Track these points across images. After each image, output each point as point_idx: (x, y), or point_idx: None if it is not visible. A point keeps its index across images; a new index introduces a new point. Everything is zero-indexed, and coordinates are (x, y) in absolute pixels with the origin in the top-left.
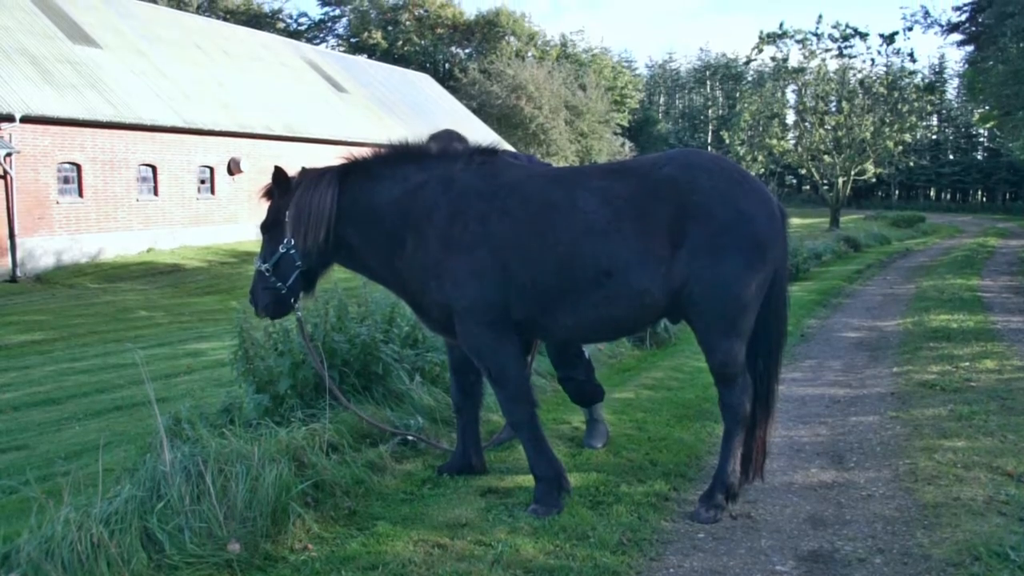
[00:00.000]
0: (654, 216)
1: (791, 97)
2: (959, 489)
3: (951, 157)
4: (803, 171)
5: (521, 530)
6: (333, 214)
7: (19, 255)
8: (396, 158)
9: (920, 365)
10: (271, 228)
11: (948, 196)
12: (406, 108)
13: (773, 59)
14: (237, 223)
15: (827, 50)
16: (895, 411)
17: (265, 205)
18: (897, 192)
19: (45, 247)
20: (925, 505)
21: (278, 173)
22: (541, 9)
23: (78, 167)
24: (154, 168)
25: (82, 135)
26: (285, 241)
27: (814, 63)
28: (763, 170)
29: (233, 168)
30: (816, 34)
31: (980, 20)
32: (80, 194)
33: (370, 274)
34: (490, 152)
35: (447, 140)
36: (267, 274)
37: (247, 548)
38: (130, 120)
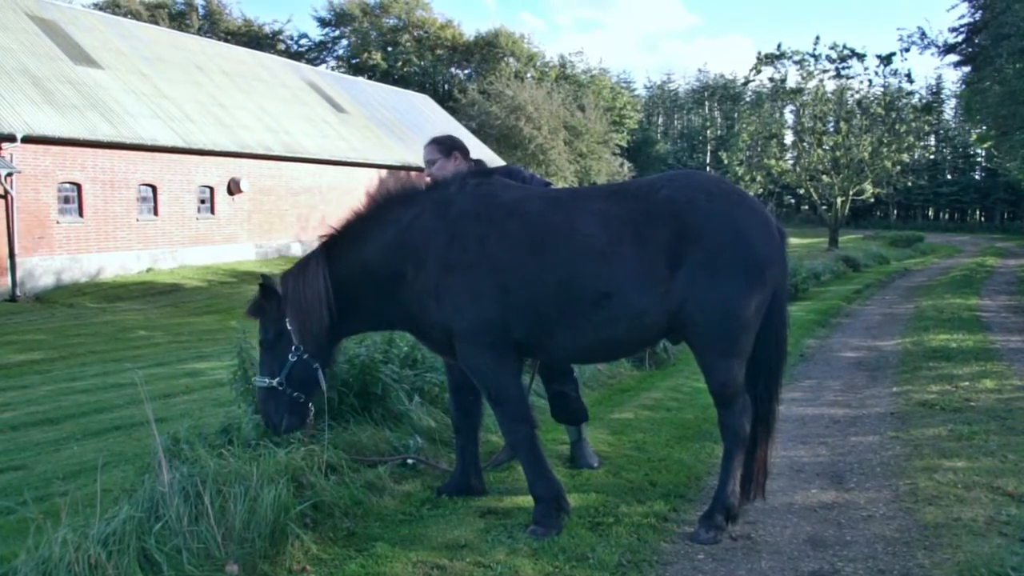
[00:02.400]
0: (653, 238)
1: (789, 117)
2: (960, 509)
3: (949, 177)
4: (802, 191)
5: (520, 551)
6: (330, 294)
7: (19, 274)
8: (381, 207)
9: (920, 385)
10: (274, 342)
11: (946, 216)
12: (406, 129)
13: (771, 80)
14: (237, 243)
15: (825, 71)
16: (895, 431)
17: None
18: (895, 212)
19: (45, 267)
20: (926, 526)
21: (264, 286)
22: (536, 30)
23: (78, 187)
24: (154, 188)
25: (83, 155)
26: (294, 349)
27: (812, 84)
28: (762, 190)
29: (233, 188)
30: (814, 55)
31: (976, 41)
32: (80, 214)
33: (381, 323)
34: (484, 174)
35: (448, 147)
36: (281, 388)
37: (245, 569)
38: (130, 140)
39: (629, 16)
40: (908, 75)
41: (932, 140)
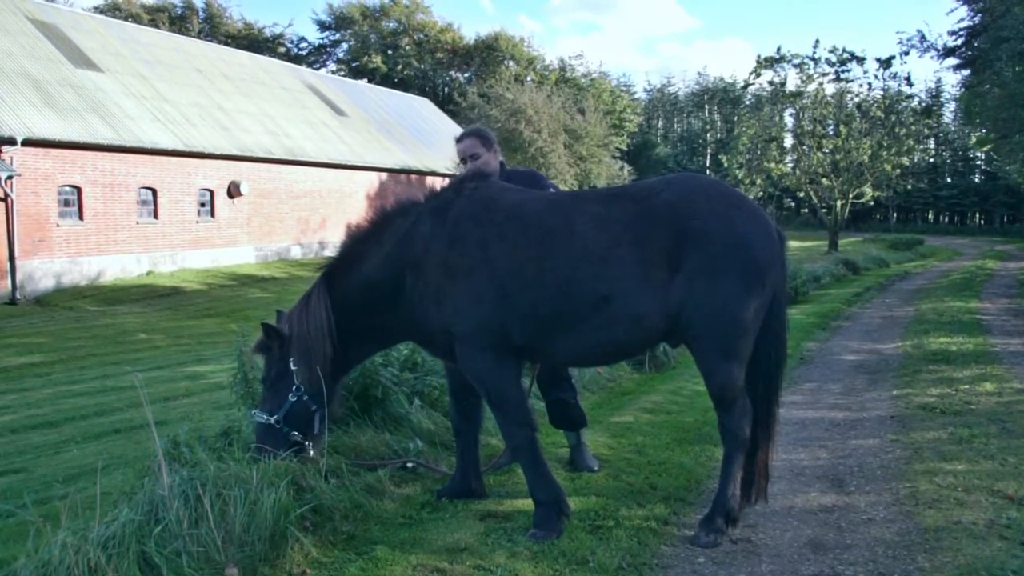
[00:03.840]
0: (652, 241)
1: (789, 121)
2: (960, 513)
3: (949, 180)
4: (801, 194)
5: (520, 555)
6: (332, 324)
7: (19, 277)
8: (377, 225)
9: (920, 388)
10: (276, 380)
11: (946, 219)
12: (405, 132)
13: (771, 83)
14: (237, 246)
15: (824, 74)
16: (895, 434)
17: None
18: (895, 215)
19: (45, 270)
20: (926, 529)
21: (267, 329)
22: (534, 33)
23: (78, 190)
24: (154, 191)
25: (83, 158)
26: (294, 389)
27: (812, 87)
28: (761, 193)
29: (233, 191)
30: (813, 58)
31: (976, 44)
32: (80, 217)
33: (388, 340)
34: (481, 177)
35: (489, 140)
36: (279, 426)
37: (245, 572)
38: (131, 143)
39: (626, 19)
40: (908, 78)
41: (932, 143)
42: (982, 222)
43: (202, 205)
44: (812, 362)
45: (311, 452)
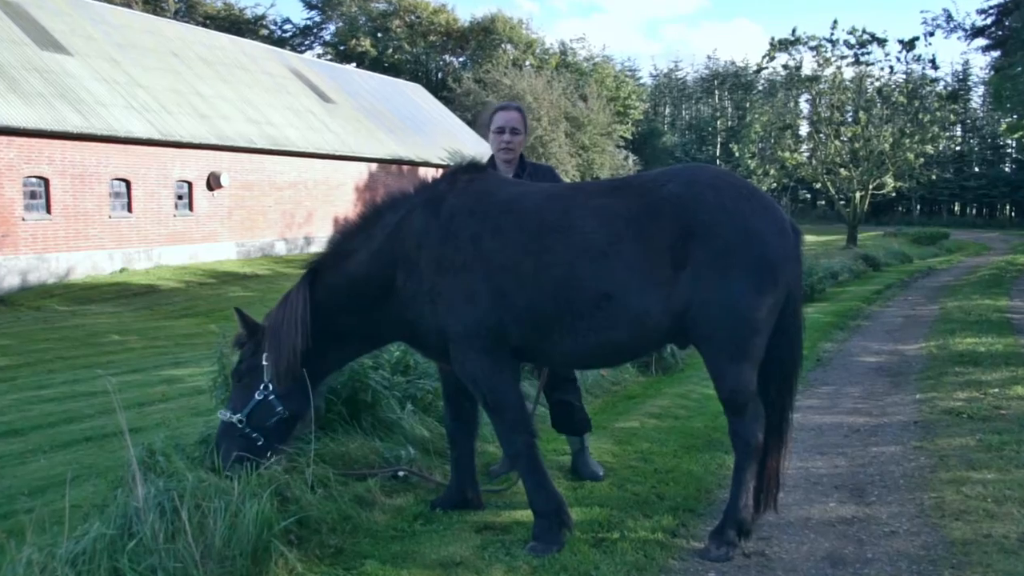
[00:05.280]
0: (657, 235)
1: (805, 107)
2: (990, 525)
3: (976, 170)
4: (818, 185)
5: (519, 569)
6: (307, 318)
7: None
8: (366, 219)
9: (945, 391)
10: (245, 374)
11: (973, 211)
12: (396, 120)
13: (785, 67)
14: (217, 241)
15: (843, 57)
16: (919, 441)
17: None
18: (919, 207)
19: (9, 267)
20: (953, 542)
21: (242, 316)
22: (532, 14)
23: (46, 181)
24: (128, 183)
25: (51, 147)
26: (262, 387)
27: (829, 71)
28: (775, 184)
29: (213, 183)
30: (831, 40)
31: (1007, 23)
32: (48, 210)
33: (374, 343)
34: (477, 168)
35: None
36: (240, 425)
37: None
38: (102, 132)
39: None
40: (932, 61)
41: (958, 130)
42: (1013, 214)
43: (179, 198)
44: (829, 364)
45: (270, 460)
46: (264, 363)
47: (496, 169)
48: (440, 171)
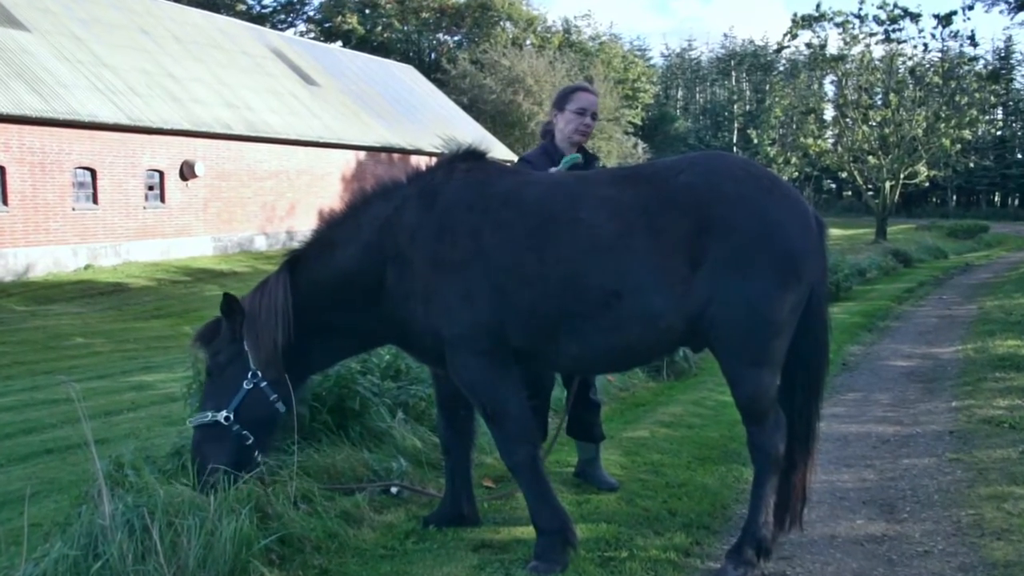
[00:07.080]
0: (670, 229)
1: (830, 89)
2: None
3: (1020, 156)
4: (844, 175)
5: None
6: (289, 308)
7: None
8: (355, 208)
9: (984, 399)
10: (226, 365)
11: (1016, 202)
12: (386, 104)
13: (809, 45)
14: (191, 235)
15: (872, 34)
16: (955, 452)
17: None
18: (955, 198)
19: None
20: (994, 564)
21: (227, 299)
22: None
23: (2, 170)
24: (93, 172)
25: (7, 132)
26: (250, 375)
27: (856, 49)
28: (797, 174)
29: (186, 172)
30: (859, 16)
31: None
32: (4, 201)
33: (363, 344)
34: (475, 156)
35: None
36: (227, 423)
37: None
38: (64, 116)
39: None
40: (971, 37)
41: (999, 113)
42: None
43: (150, 188)
44: (856, 368)
45: (259, 465)
46: (247, 348)
47: (555, 147)
48: (433, 159)
